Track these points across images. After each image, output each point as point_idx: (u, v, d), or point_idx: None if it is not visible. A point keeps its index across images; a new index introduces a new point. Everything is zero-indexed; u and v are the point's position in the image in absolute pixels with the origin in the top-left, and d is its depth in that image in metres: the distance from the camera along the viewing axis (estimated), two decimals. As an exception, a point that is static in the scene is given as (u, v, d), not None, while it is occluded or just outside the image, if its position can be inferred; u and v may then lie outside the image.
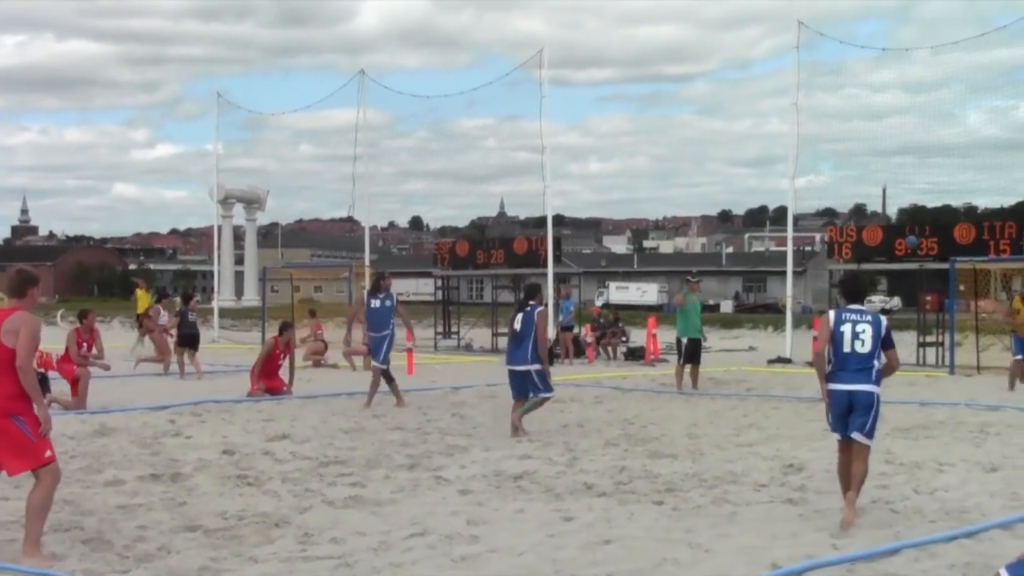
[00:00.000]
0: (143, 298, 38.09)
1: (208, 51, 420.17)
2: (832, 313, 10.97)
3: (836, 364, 10.74)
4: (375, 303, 20.84)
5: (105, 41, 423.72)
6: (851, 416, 10.69)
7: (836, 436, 10.87)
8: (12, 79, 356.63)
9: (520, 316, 16.91)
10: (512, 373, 16.88)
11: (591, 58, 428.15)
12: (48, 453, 8.82)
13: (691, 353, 23.75)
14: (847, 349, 10.69)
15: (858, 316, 10.79)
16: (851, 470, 10.65)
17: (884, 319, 10.94)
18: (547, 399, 16.95)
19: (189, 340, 27.35)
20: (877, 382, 10.73)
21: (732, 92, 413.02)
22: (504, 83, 42.41)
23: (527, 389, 16.68)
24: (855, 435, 10.64)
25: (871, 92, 38.56)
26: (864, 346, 10.66)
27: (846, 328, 10.72)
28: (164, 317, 29.57)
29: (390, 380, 20.45)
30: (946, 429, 17.09)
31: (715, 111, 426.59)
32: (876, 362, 10.69)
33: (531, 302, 17.12)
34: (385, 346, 20.49)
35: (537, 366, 16.68)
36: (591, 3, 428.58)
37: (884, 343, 10.75)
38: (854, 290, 11.26)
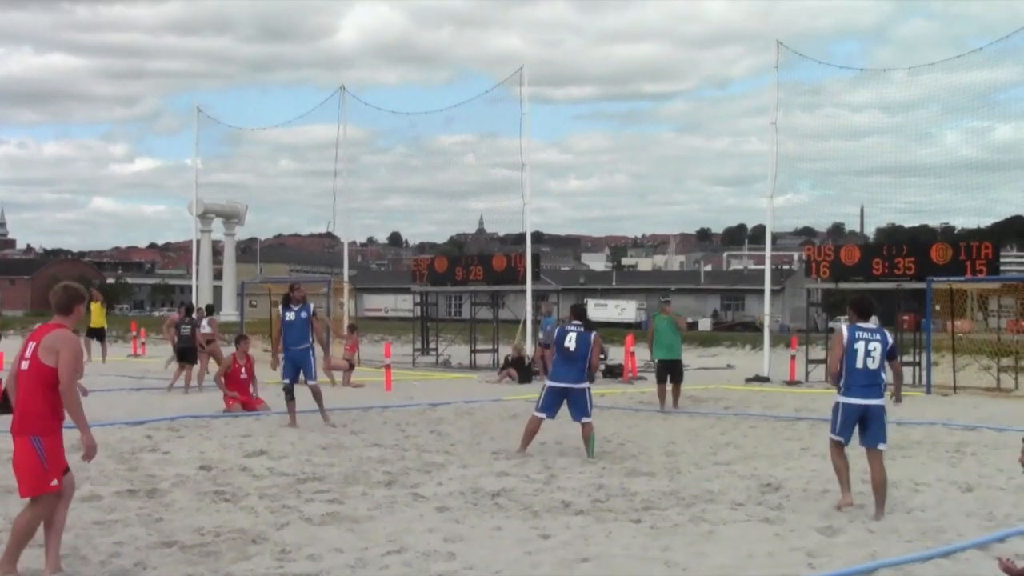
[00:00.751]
0: (97, 312, 37.75)
1: (187, 65, 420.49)
2: (845, 330, 11.92)
3: (849, 378, 11.84)
4: (289, 316, 20.01)
5: (83, 55, 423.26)
6: (865, 428, 11.90)
7: (838, 439, 12.09)
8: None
9: (574, 335, 16.53)
10: (558, 391, 16.65)
11: (570, 76, 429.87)
12: (54, 482, 8.65)
13: (665, 373, 23.58)
14: (859, 365, 11.81)
15: (869, 335, 11.84)
16: (873, 475, 11.87)
17: (890, 336, 12.05)
18: (591, 424, 16.67)
19: (187, 354, 27.14)
20: (883, 395, 11.97)
21: (711, 111, 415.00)
22: (483, 100, 42.43)
23: (579, 408, 16.48)
24: (881, 446, 11.94)
25: (849, 112, 38.68)
26: (874, 363, 11.82)
27: (859, 346, 11.78)
28: (206, 326, 29.28)
29: (291, 398, 19.87)
30: (922, 448, 17.14)
31: (694, 129, 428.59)
32: (884, 376, 11.85)
33: (577, 321, 16.92)
34: (312, 361, 19.97)
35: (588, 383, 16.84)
36: (570, 21, 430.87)
37: (889, 355, 11.93)
38: (864, 308, 12.19)
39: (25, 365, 8.67)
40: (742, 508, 12.12)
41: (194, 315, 28.84)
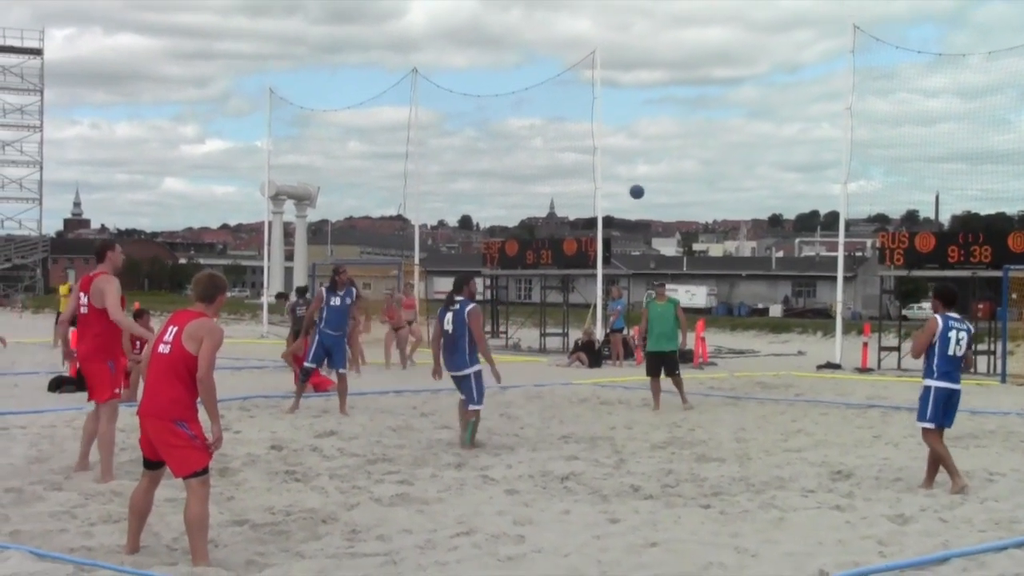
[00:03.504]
0: (64, 293, 37.66)
1: (257, 47, 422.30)
2: (940, 319, 12.45)
3: (942, 364, 12.38)
4: (334, 300, 19.38)
5: (153, 35, 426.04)
6: (947, 412, 12.49)
7: (930, 425, 12.44)
8: (62, 73, 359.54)
9: (449, 316, 15.53)
10: (453, 379, 15.81)
11: (639, 60, 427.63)
12: (208, 461, 8.71)
13: (657, 366, 20.89)
14: (951, 352, 12.39)
15: (959, 324, 12.45)
16: (933, 455, 12.49)
17: (971, 327, 12.76)
18: (478, 413, 15.58)
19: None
20: None
21: (781, 96, 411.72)
22: (553, 83, 42.35)
23: (466, 395, 15.62)
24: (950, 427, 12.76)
25: (923, 97, 38.31)
26: (961, 351, 12.47)
27: (952, 334, 12.37)
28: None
29: (306, 380, 19.78)
30: (996, 439, 16.96)
31: (764, 115, 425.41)
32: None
33: (458, 298, 15.63)
34: (344, 348, 19.83)
35: (476, 368, 15.68)
36: (640, 4, 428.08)
37: (968, 344, 12.61)
38: (951, 298, 12.70)
39: (166, 349, 8.67)
40: (812, 495, 12.04)
41: (307, 296, 29.15)
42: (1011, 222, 69.34)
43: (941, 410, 12.42)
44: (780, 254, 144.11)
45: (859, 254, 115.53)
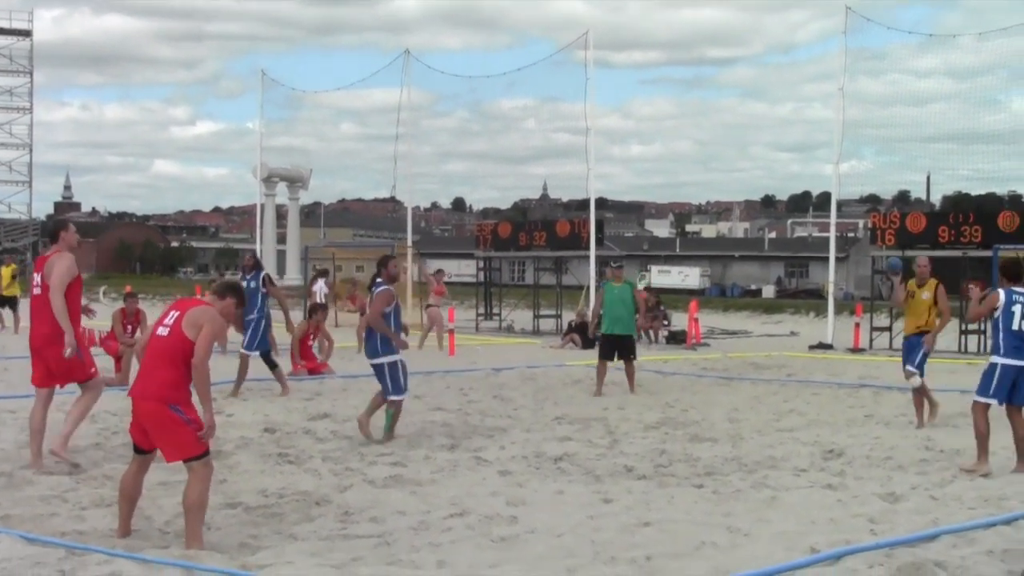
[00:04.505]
0: (8, 278, 37.46)
1: (247, 28, 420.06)
2: (1002, 292, 12.24)
3: (1009, 339, 12.15)
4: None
5: (143, 16, 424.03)
6: (1017, 388, 12.17)
7: (990, 401, 12.33)
8: (51, 54, 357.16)
9: (370, 298, 14.76)
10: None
11: (633, 40, 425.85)
12: (204, 445, 8.73)
13: (611, 350, 20.27)
14: (1016, 327, 12.08)
15: (1022, 298, 12.09)
16: (1018, 431, 12.32)
17: None
18: (397, 403, 14.45)
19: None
20: None
21: (775, 76, 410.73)
22: (546, 64, 42.32)
23: (381, 385, 14.49)
24: None
25: (915, 78, 38.38)
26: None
27: (1016, 308, 12.08)
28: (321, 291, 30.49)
29: (273, 366, 19.22)
30: (987, 417, 16.98)
31: (758, 95, 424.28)
32: None
33: (378, 280, 14.66)
34: (251, 331, 19.08)
35: (390, 358, 14.40)
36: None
37: None
38: (1016, 272, 12.44)
39: (164, 331, 8.71)
40: (805, 474, 12.10)
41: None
42: (1001, 202, 69.35)
43: (1006, 387, 12.19)
44: (773, 235, 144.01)
45: (851, 235, 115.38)
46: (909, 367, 15.79)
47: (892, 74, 37.88)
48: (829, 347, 32.92)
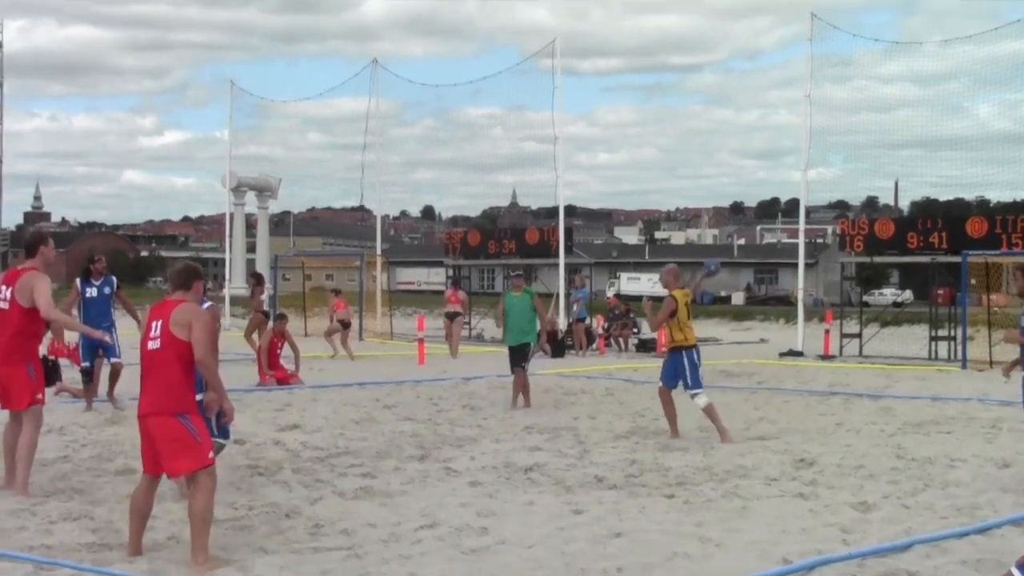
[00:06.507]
0: None
1: (213, 37, 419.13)
2: None
3: None
4: (90, 292, 17.80)
5: (108, 26, 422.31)
6: None
7: None
8: (18, 64, 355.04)
9: None
10: None
11: (597, 47, 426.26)
12: (211, 455, 8.65)
13: (519, 360, 19.51)
14: None
15: None
16: None
17: None
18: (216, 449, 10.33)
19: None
20: None
21: (740, 83, 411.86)
22: (513, 72, 42.42)
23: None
24: None
25: (880, 84, 38.55)
26: None
27: None
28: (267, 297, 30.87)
29: (89, 381, 18.07)
30: (958, 424, 17.04)
31: (723, 102, 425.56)
32: None
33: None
34: (116, 339, 17.95)
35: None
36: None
37: None
38: None
39: (155, 344, 8.61)
40: (776, 483, 12.07)
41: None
42: (969, 207, 69.73)
43: None
44: (742, 241, 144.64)
45: (820, 241, 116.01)
46: None
47: (858, 80, 38.02)
48: (799, 354, 32.99)
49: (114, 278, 18.36)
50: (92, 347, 17.71)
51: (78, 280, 18.02)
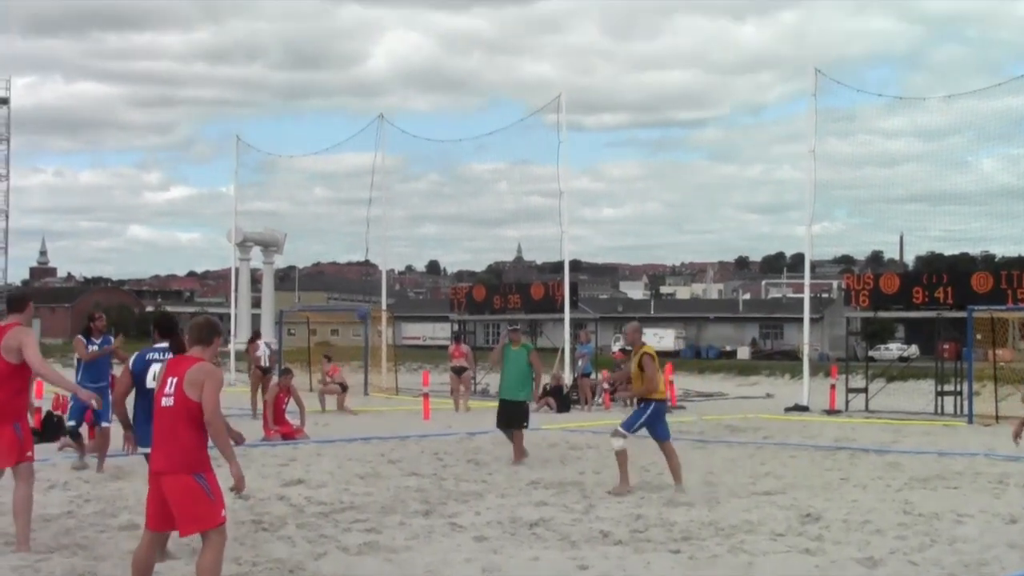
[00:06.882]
0: None
1: (219, 93, 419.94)
2: None
3: None
4: (90, 350, 17.29)
5: (114, 82, 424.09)
6: None
7: None
8: (24, 120, 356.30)
9: (159, 367, 10.40)
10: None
11: (601, 103, 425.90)
12: (223, 513, 8.65)
13: (504, 416, 19.45)
14: None
15: None
16: None
17: None
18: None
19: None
20: None
21: (743, 137, 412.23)
22: (518, 127, 42.58)
23: None
24: None
25: (883, 138, 38.65)
26: None
27: None
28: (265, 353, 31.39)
29: (80, 439, 17.70)
30: (964, 479, 16.97)
31: (727, 156, 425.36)
32: None
33: (162, 344, 11.31)
34: (109, 400, 16.30)
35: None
36: (601, 47, 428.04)
37: None
38: None
39: (169, 402, 8.60)
40: (782, 539, 12.01)
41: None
42: (974, 262, 69.77)
43: None
44: (747, 296, 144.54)
45: (825, 295, 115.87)
46: None
47: (861, 135, 38.16)
48: (805, 409, 32.91)
49: (112, 337, 17.94)
50: (83, 408, 17.19)
51: (80, 337, 17.60)
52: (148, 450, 9.99)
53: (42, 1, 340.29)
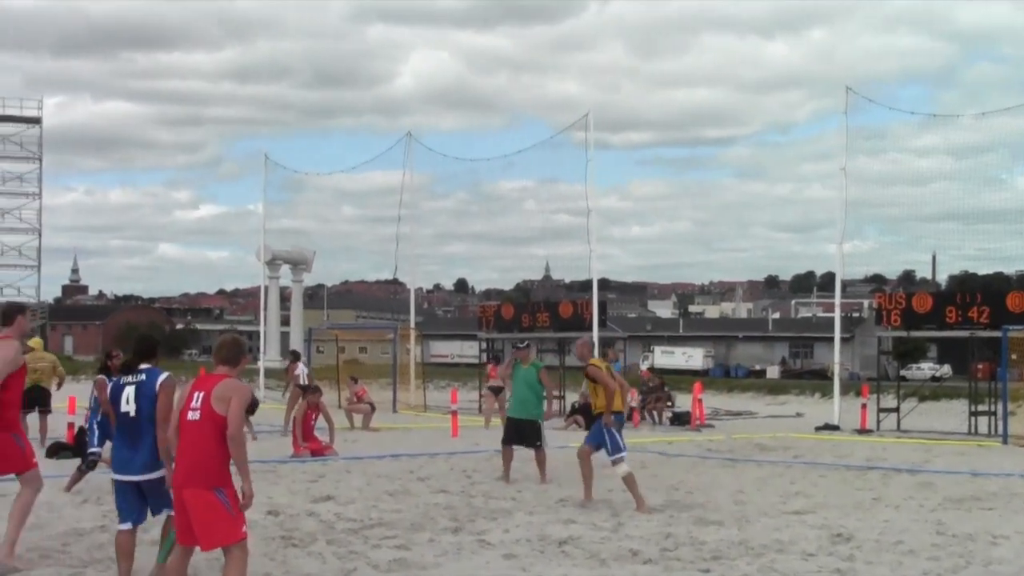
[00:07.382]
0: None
1: (246, 112, 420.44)
2: None
3: None
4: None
5: (143, 102, 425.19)
6: None
7: None
8: (54, 140, 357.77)
9: (132, 390, 10.01)
10: (129, 488, 10.07)
11: (628, 121, 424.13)
12: (244, 528, 8.69)
13: (512, 433, 19.21)
14: None
15: None
16: None
17: None
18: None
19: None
20: None
21: (772, 156, 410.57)
22: (545, 145, 42.60)
23: (155, 506, 10.09)
24: None
25: (915, 156, 38.54)
26: None
27: None
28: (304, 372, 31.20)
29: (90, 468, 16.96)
30: (999, 500, 16.84)
31: (756, 175, 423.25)
32: None
33: (144, 364, 10.21)
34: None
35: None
36: (627, 66, 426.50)
37: None
38: None
39: (195, 416, 8.66)
40: (813, 559, 11.93)
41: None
42: (1009, 281, 69.35)
43: None
44: (776, 315, 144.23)
45: (856, 315, 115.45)
46: None
47: (892, 153, 38.03)
48: (835, 428, 32.78)
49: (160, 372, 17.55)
50: (107, 432, 16.31)
51: (102, 376, 17.06)
52: (123, 477, 10.04)
53: (72, 22, 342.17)
